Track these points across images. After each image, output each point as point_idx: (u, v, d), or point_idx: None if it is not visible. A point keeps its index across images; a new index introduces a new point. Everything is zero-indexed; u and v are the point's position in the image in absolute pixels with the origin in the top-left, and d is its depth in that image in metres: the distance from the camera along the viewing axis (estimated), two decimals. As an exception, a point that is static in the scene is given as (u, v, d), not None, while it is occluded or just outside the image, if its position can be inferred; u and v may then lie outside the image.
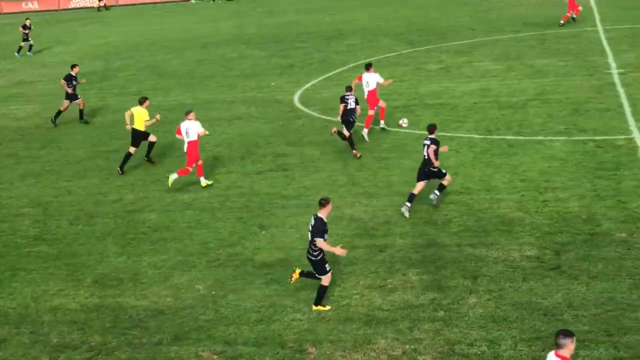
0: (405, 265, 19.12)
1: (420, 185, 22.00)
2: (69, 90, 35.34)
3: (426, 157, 21.72)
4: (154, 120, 28.38)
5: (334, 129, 27.40)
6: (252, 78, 42.45)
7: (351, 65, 43.29)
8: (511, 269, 18.33)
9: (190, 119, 25.66)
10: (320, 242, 16.82)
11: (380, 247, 20.20)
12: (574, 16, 49.67)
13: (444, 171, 22.07)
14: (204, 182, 25.95)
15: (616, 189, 22.43)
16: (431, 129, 21.86)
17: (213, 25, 66.07)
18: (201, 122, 29.01)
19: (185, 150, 25.85)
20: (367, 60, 43.59)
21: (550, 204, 21.87)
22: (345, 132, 27.26)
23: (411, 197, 21.96)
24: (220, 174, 27.01)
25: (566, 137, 27.25)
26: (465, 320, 16.40)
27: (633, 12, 51.75)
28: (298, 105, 35.56)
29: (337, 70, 42.38)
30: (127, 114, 28.32)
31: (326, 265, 17.18)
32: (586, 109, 30.23)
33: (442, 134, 28.76)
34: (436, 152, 21.59)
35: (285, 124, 32.65)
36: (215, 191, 25.42)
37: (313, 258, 17.15)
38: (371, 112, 29.52)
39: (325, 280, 17.29)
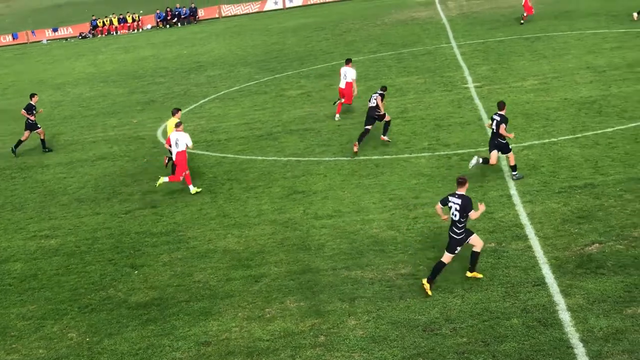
0: (282, 293, 18.99)
1: (494, 154, 24.16)
2: (31, 119, 35.23)
3: (494, 130, 23.69)
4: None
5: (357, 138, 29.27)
6: (113, 116, 41.72)
7: (212, 96, 43.07)
8: (387, 288, 18.42)
9: (179, 131, 26.87)
10: (474, 214, 17.65)
11: (256, 277, 20.02)
12: (524, 15, 52.10)
13: (510, 147, 24.02)
14: (193, 189, 27.00)
15: (482, 200, 22.84)
16: (501, 105, 23.97)
17: (68, 65, 64.73)
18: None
19: (174, 160, 27.22)
20: (231, 90, 43.57)
21: (420, 220, 22.14)
22: (368, 127, 29.08)
23: (485, 161, 24.20)
24: (87, 216, 26.31)
25: (431, 153, 27.73)
26: (346, 344, 16.36)
27: (482, 27, 53.29)
28: (162, 140, 35.05)
29: (199, 103, 42.07)
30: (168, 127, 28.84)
31: (458, 248, 17.93)
32: (448, 124, 30.86)
33: (308, 158, 28.88)
34: (505, 129, 23.72)
35: (150, 160, 32.12)
36: (82, 234, 24.73)
37: (455, 236, 17.85)
38: (343, 100, 33.97)
39: (446, 258, 17.99)
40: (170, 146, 27.24)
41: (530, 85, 35.11)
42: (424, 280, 18.01)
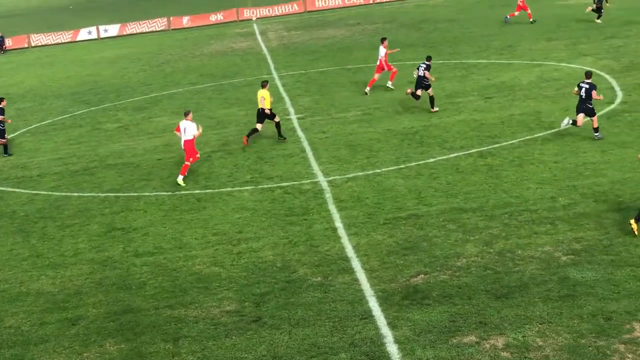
0: (101, 336, 18.11)
1: (580, 117, 27.95)
2: (8, 121, 37.08)
3: (583, 96, 27.66)
4: (271, 99, 32.05)
5: (409, 90, 34.20)
6: None
7: (22, 130, 41.27)
8: (212, 327, 17.86)
9: (188, 119, 28.31)
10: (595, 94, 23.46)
11: (72, 320, 19.03)
12: (512, 16, 56.65)
13: (595, 112, 27.97)
14: (180, 179, 28.26)
15: (307, 233, 22.65)
16: (588, 74, 28.02)
17: None
18: None
19: (182, 147, 28.65)
20: (43, 123, 42.07)
21: (244, 255, 21.66)
22: (418, 92, 33.94)
23: (574, 123, 28.03)
24: None
25: (254, 186, 27.34)
26: (170, 388, 15.68)
27: (303, 57, 53.73)
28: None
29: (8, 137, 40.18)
30: (259, 97, 32.01)
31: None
32: (271, 156, 30.59)
33: (127, 193, 27.97)
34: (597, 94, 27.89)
35: (-45, 198, 30.27)
36: None
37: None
38: (376, 77, 39.61)
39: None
40: (179, 133, 28.48)
41: (353, 116, 35.39)
42: (632, 221, 19.65)
